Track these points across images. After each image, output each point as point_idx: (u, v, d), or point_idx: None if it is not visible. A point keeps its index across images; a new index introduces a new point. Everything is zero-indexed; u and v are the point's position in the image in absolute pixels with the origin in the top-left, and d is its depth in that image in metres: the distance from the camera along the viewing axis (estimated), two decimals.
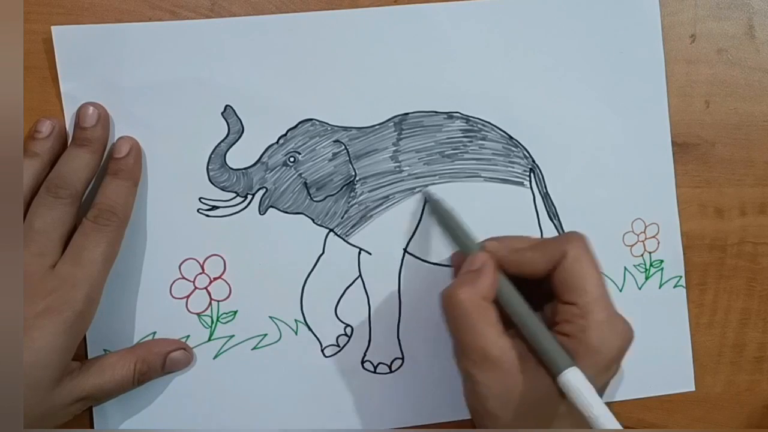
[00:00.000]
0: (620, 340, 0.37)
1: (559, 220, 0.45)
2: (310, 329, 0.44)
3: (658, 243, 0.46)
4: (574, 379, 0.34)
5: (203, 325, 0.43)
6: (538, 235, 0.45)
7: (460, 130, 0.44)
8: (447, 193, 0.44)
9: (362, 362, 0.44)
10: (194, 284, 0.42)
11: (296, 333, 0.43)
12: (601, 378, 0.36)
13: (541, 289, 0.39)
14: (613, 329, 0.37)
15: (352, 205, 0.44)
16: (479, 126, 0.44)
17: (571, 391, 0.34)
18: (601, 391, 0.37)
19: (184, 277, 0.42)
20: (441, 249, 0.44)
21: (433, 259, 0.44)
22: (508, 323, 0.37)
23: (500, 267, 0.38)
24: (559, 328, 0.37)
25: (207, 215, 0.42)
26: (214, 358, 0.43)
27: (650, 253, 0.46)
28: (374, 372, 0.44)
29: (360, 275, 0.44)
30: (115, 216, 0.39)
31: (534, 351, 0.36)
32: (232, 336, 0.43)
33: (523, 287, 0.38)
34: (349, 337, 0.44)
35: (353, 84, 0.43)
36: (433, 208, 0.43)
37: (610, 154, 0.46)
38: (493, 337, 0.36)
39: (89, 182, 0.40)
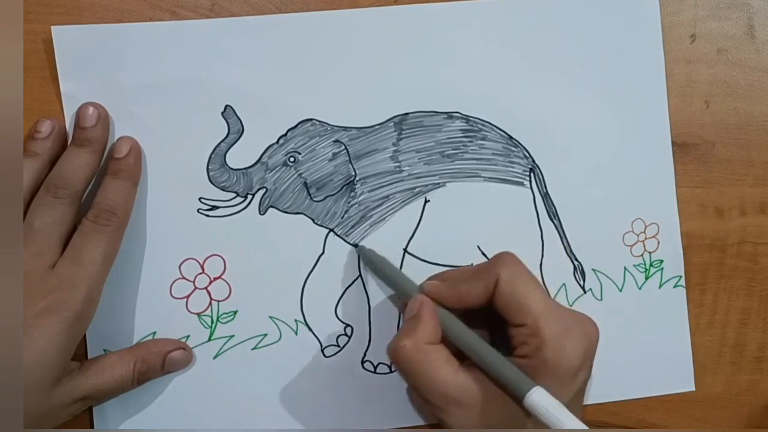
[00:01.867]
0: (580, 347, 0.36)
1: (559, 220, 0.45)
2: (310, 329, 0.44)
3: (658, 243, 0.46)
4: (538, 398, 0.34)
5: (203, 325, 0.43)
6: (538, 235, 0.45)
7: (460, 130, 0.44)
8: (447, 193, 0.44)
9: (362, 362, 0.44)
10: (194, 284, 0.42)
11: (296, 333, 0.43)
12: (570, 389, 0.36)
13: (492, 316, 0.38)
14: (571, 337, 0.36)
15: (352, 205, 0.44)
16: (479, 126, 0.44)
17: (538, 412, 0.34)
18: (576, 400, 0.36)
19: (184, 277, 0.42)
20: (441, 249, 0.44)
21: (433, 259, 0.44)
22: (466, 356, 0.37)
23: (444, 304, 0.38)
24: (517, 352, 0.37)
25: (207, 215, 0.42)
26: (214, 358, 0.43)
27: (650, 253, 0.46)
28: (374, 372, 0.44)
29: (360, 275, 0.44)
30: (115, 216, 0.39)
31: (494, 379, 0.36)
32: (232, 336, 0.43)
33: (483, 318, 0.38)
34: (349, 337, 0.44)
35: (353, 84, 0.43)
36: (366, 260, 0.43)
37: (610, 154, 0.46)
38: (447, 377, 0.36)
39: (89, 182, 0.40)
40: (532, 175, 0.45)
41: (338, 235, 0.44)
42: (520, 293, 0.37)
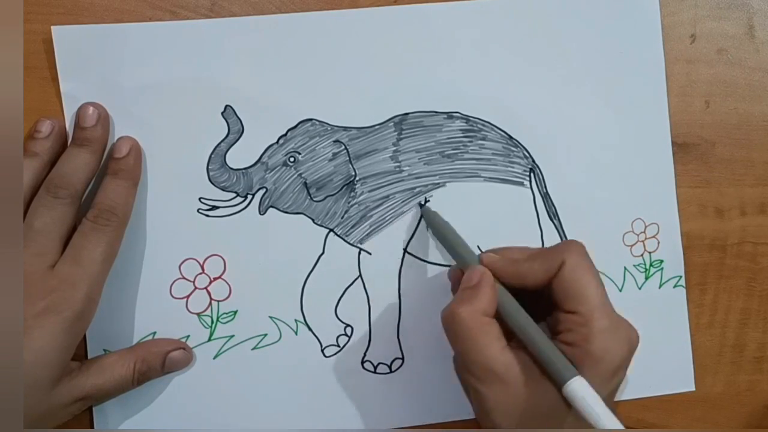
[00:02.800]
0: (624, 346, 0.37)
1: (559, 220, 0.45)
2: (310, 329, 0.44)
3: (658, 243, 0.46)
4: (579, 388, 0.34)
5: (203, 325, 0.43)
6: (538, 235, 0.45)
7: (460, 130, 0.44)
8: (447, 193, 0.44)
9: (362, 362, 0.44)
10: (194, 284, 0.42)
11: (296, 333, 0.43)
12: (608, 386, 0.36)
13: (543, 298, 0.38)
14: (617, 336, 0.36)
15: (352, 205, 0.44)
16: (479, 126, 0.44)
17: (576, 401, 0.34)
18: (609, 399, 0.36)
19: (184, 277, 0.42)
20: (441, 249, 0.44)
21: (433, 259, 0.44)
22: (511, 335, 0.37)
23: (499, 279, 0.38)
24: (561, 337, 0.37)
25: (207, 215, 0.42)
26: (214, 358, 0.43)
27: (650, 253, 0.46)
28: (374, 372, 0.44)
29: (360, 275, 0.44)
30: (115, 216, 0.39)
31: (538, 362, 0.36)
32: (232, 336, 0.43)
33: (525, 297, 0.38)
34: (349, 337, 0.44)
35: (353, 84, 0.43)
36: (429, 222, 0.43)
37: (610, 154, 0.46)
38: (496, 353, 0.36)
39: (89, 182, 0.40)
40: (532, 175, 0.45)
41: (338, 235, 0.44)
42: (581, 281, 0.37)
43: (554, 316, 0.38)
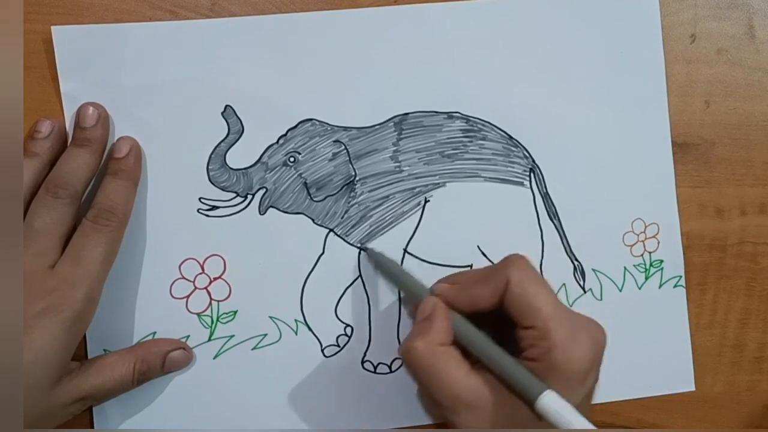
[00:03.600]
0: (589, 349, 0.36)
1: (559, 220, 0.45)
2: (310, 329, 0.44)
3: (658, 243, 0.46)
4: (550, 402, 0.34)
5: (203, 325, 0.43)
6: (538, 235, 0.45)
7: (460, 130, 0.44)
8: (447, 193, 0.44)
9: (362, 362, 0.44)
10: (194, 284, 0.42)
11: (296, 333, 0.43)
12: (580, 391, 0.36)
13: (507, 318, 0.38)
14: (579, 340, 0.36)
15: (352, 205, 0.44)
16: (479, 126, 0.44)
17: (549, 415, 0.34)
18: (584, 403, 0.36)
19: (184, 277, 0.42)
20: (441, 249, 0.44)
21: (433, 259, 0.44)
22: (476, 359, 0.37)
23: (454, 307, 0.38)
24: (525, 354, 0.36)
25: (207, 215, 0.42)
26: (214, 358, 0.43)
27: (650, 253, 0.46)
28: (374, 372, 0.44)
29: (360, 275, 0.44)
30: (115, 216, 0.39)
31: (506, 383, 0.36)
32: (232, 336, 0.43)
33: (488, 320, 0.38)
34: (349, 337, 0.44)
35: (353, 84, 0.43)
36: (376, 263, 0.43)
37: (610, 154, 0.46)
38: (459, 379, 0.36)
39: (89, 182, 0.40)
40: (532, 175, 0.45)
41: (338, 235, 0.44)
42: (529, 295, 0.36)
43: (517, 334, 0.37)
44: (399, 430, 0.44)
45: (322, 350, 0.44)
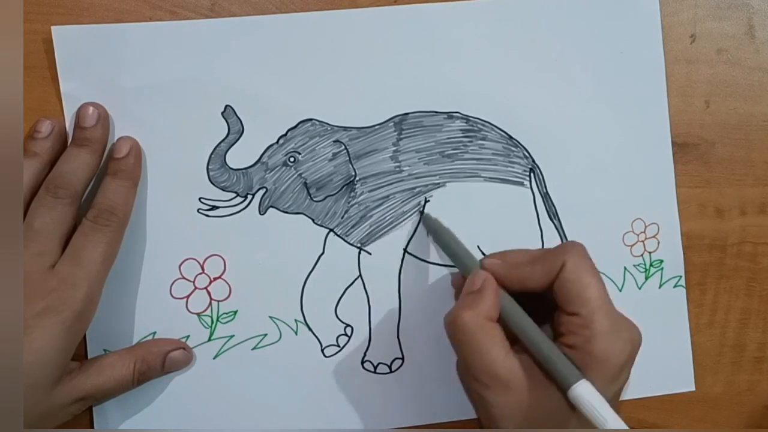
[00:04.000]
0: (627, 347, 0.36)
1: (559, 220, 0.45)
2: (310, 329, 0.44)
3: (658, 243, 0.46)
4: (584, 392, 0.34)
5: (203, 325, 0.43)
6: (538, 235, 0.45)
7: (460, 130, 0.44)
8: (447, 193, 0.44)
9: (362, 362, 0.44)
10: (194, 284, 0.42)
11: (296, 333, 0.43)
12: (612, 387, 0.36)
13: (546, 301, 0.38)
14: (619, 336, 0.36)
15: (352, 205, 0.44)
16: (479, 126, 0.44)
17: (582, 405, 0.34)
18: (613, 400, 0.36)
19: (184, 277, 0.42)
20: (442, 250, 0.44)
21: (433, 260, 0.44)
22: (515, 339, 0.37)
23: (501, 284, 0.38)
24: (564, 339, 0.37)
25: (207, 215, 0.42)
26: (214, 358, 0.43)
27: (650, 253, 0.46)
28: (374, 372, 0.44)
29: (360, 275, 0.44)
30: (115, 216, 0.39)
31: (542, 367, 0.36)
32: (232, 336, 0.43)
33: (529, 300, 0.38)
34: (349, 337, 0.44)
35: (353, 84, 0.43)
36: (430, 228, 0.43)
37: (610, 154, 0.46)
38: (500, 358, 0.36)
39: (89, 182, 0.40)
40: (532, 175, 0.45)
41: (338, 235, 0.44)
42: (582, 283, 0.37)
43: (556, 319, 0.38)
44: (399, 430, 0.44)
45: (322, 350, 0.44)
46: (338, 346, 0.44)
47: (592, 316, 0.36)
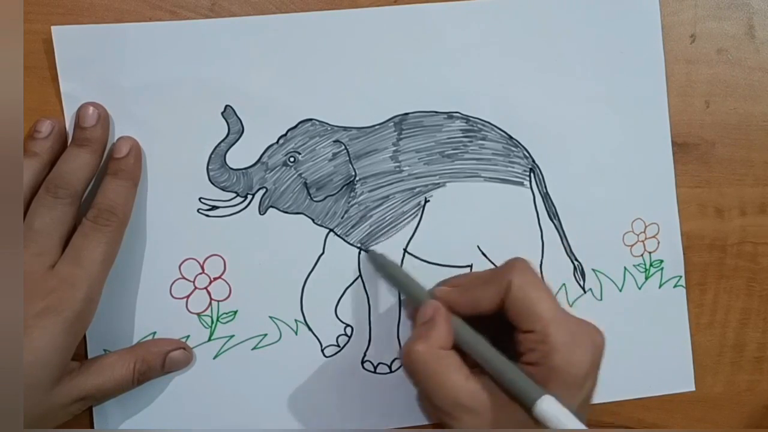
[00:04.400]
0: (588, 354, 0.36)
1: (559, 220, 0.45)
2: (310, 329, 0.44)
3: (658, 243, 0.46)
4: (547, 407, 0.34)
5: (203, 325, 0.43)
6: (538, 235, 0.45)
7: (460, 130, 0.44)
8: (447, 193, 0.44)
9: (362, 362, 0.44)
10: (194, 284, 0.42)
11: (296, 333, 0.43)
12: (578, 396, 0.36)
13: (505, 322, 0.38)
14: (578, 345, 0.36)
15: (352, 205, 0.44)
16: (479, 126, 0.44)
17: (547, 421, 0.34)
18: (583, 407, 0.36)
19: (184, 277, 0.42)
20: (441, 249, 0.44)
21: (433, 260, 0.44)
22: (475, 363, 0.37)
23: (455, 310, 0.38)
24: (524, 358, 0.36)
25: (207, 215, 0.42)
26: (214, 358, 0.43)
27: (650, 253, 0.46)
28: (374, 372, 0.44)
29: (360, 275, 0.44)
30: (115, 216, 0.39)
31: (503, 387, 0.36)
32: (232, 336, 0.43)
33: (488, 324, 0.38)
34: (349, 337, 0.44)
35: (353, 84, 0.43)
36: (377, 265, 0.43)
37: (610, 154, 0.46)
38: (459, 383, 0.36)
39: (89, 182, 0.40)
40: (532, 175, 0.45)
41: (338, 235, 0.44)
42: (530, 300, 0.36)
43: (515, 338, 0.37)
44: (399, 430, 0.44)
45: (322, 350, 0.44)
46: (338, 346, 0.44)
47: (547, 330, 0.36)
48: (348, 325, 0.44)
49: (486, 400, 0.36)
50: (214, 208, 0.42)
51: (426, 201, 0.44)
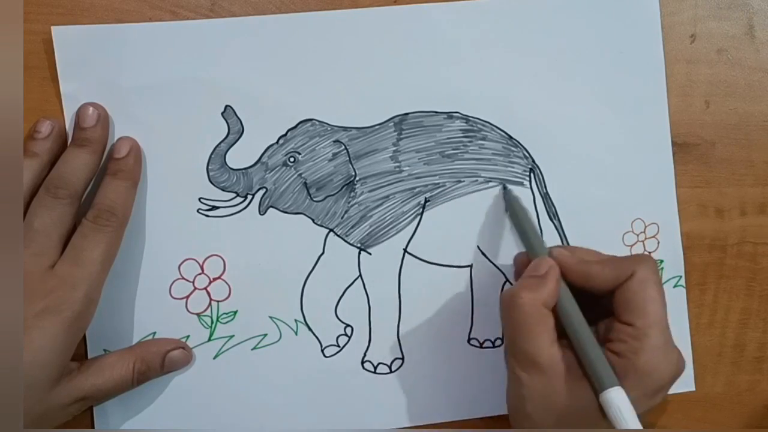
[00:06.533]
0: (672, 369, 0.37)
1: (559, 220, 0.45)
2: (310, 329, 0.44)
3: (658, 243, 0.46)
4: (616, 398, 0.35)
5: (203, 325, 0.43)
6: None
7: (460, 130, 0.44)
8: (447, 193, 0.44)
9: (362, 362, 0.44)
10: (194, 284, 0.42)
11: (296, 333, 0.43)
12: (646, 403, 0.36)
13: (598, 304, 0.39)
14: (666, 358, 0.37)
15: (352, 205, 0.44)
16: (479, 126, 0.44)
17: (611, 410, 0.35)
18: (642, 417, 0.36)
19: (183, 278, 0.42)
20: (441, 249, 0.44)
21: (433, 259, 0.44)
22: (563, 333, 0.38)
23: (565, 276, 0.39)
24: (611, 345, 0.37)
25: (207, 215, 0.42)
26: (214, 358, 0.43)
27: (650, 253, 0.46)
28: (374, 372, 0.44)
29: (360, 275, 0.44)
30: (115, 216, 0.39)
31: (583, 364, 0.36)
32: (232, 336, 0.43)
33: (581, 299, 0.38)
34: (349, 337, 0.44)
35: (353, 84, 0.43)
36: (509, 205, 0.43)
37: (610, 154, 0.46)
38: (545, 345, 0.36)
39: (89, 182, 0.40)
40: (532, 175, 0.45)
41: (338, 235, 0.44)
42: (646, 295, 0.37)
43: (607, 324, 0.38)
44: (399, 430, 0.44)
45: (322, 350, 0.44)
46: (338, 346, 0.44)
47: (647, 329, 0.36)
48: (348, 325, 0.44)
49: (561, 369, 0.36)
50: (214, 208, 0.42)
51: (426, 201, 0.44)
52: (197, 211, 0.42)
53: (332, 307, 0.44)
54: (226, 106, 0.42)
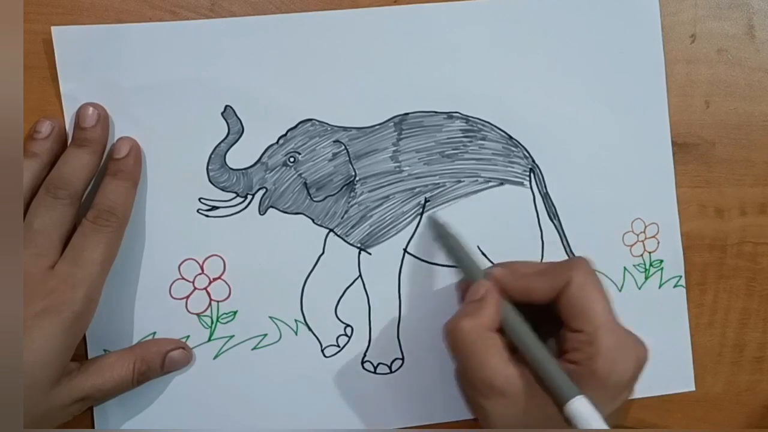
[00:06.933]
0: (631, 365, 0.36)
1: (559, 220, 0.45)
2: (310, 329, 0.44)
3: (658, 243, 0.46)
4: (580, 408, 0.34)
5: (203, 325, 0.43)
6: (538, 235, 0.45)
7: (460, 130, 0.44)
8: (447, 193, 0.44)
9: (362, 362, 0.44)
10: (194, 285, 0.42)
11: (296, 333, 0.43)
12: (612, 404, 0.36)
13: (552, 316, 0.38)
14: (624, 354, 0.36)
15: (352, 205, 0.44)
16: (479, 126, 0.44)
17: (576, 421, 0.34)
18: (613, 417, 0.36)
19: (183, 278, 0.42)
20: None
21: (433, 259, 0.44)
22: (516, 348, 0.37)
23: (505, 294, 0.38)
24: (567, 356, 0.37)
25: (207, 215, 0.42)
26: (214, 358, 0.43)
27: (650, 253, 0.46)
28: (374, 372, 0.44)
29: (360, 275, 0.44)
30: (115, 216, 0.39)
31: (540, 379, 0.36)
32: (232, 336, 0.43)
33: (534, 314, 0.38)
34: (349, 337, 0.44)
35: (353, 84, 0.43)
36: (438, 233, 0.43)
37: (610, 154, 0.46)
38: (499, 367, 0.36)
39: (89, 183, 0.40)
40: (532, 175, 0.45)
41: (338, 235, 0.44)
42: (587, 300, 0.37)
43: (561, 335, 0.38)
44: (399, 430, 0.44)
45: (322, 350, 0.44)
46: (338, 346, 0.44)
47: (596, 333, 0.36)
48: (348, 325, 0.44)
49: (520, 388, 0.36)
50: (213, 208, 0.42)
51: (426, 201, 0.44)
52: (197, 211, 0.42)
53: (332, 307, 0.44)
54: (226, 106, 0.42)
